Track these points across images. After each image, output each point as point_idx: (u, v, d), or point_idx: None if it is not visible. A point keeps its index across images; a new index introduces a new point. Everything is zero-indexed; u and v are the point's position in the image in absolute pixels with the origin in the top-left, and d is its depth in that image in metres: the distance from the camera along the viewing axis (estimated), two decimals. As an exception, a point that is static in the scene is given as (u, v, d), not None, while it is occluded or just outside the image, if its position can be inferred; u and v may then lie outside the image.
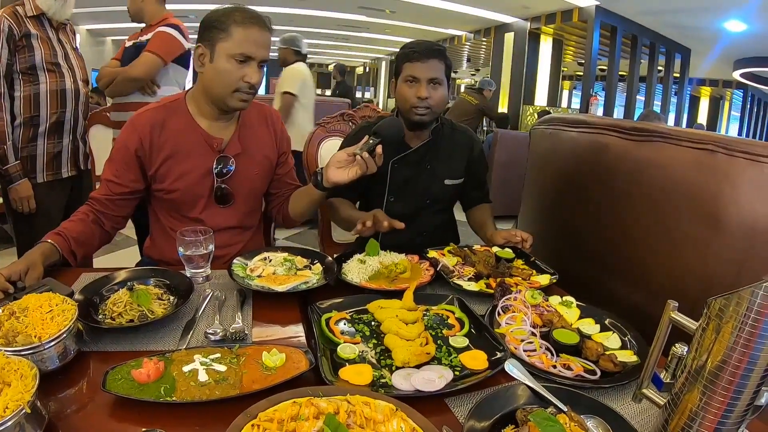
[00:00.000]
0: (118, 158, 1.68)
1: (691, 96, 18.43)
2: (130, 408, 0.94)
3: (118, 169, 1.68)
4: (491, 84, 7.62)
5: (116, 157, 1.69)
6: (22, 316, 1.04)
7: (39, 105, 2.37)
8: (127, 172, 1.68)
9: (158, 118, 1.68)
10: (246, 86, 1.60)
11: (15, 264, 1.35)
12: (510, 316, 1.34)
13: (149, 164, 1.68)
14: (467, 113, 7.23)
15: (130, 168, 1.67)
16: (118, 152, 1.69)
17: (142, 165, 1.69)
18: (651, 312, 1.37)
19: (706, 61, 13.37)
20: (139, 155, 1.67)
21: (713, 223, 1.46)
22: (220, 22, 1.57)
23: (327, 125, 2.45)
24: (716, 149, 1.46)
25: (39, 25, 2.37)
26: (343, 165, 1.64)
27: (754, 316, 0.74)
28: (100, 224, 1.68)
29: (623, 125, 1.79)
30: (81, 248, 1.58)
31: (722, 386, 0.78)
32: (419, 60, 1.86)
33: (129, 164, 1.67)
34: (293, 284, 1.44)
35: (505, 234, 1.90)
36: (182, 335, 1.21)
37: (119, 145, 1.69)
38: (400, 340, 1.17)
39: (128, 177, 1.68)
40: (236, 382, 0.99)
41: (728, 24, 9.90)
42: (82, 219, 1.63)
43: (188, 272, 1.50)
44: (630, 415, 1.00)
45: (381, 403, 0.88)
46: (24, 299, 1.09)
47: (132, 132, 1.66)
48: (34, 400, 0.83)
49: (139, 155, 1.67)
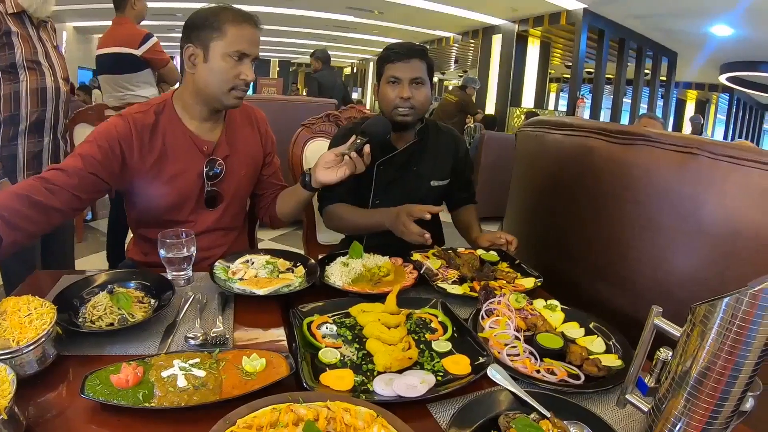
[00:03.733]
0: (97, 148, 1.54)
1: (678, 99, 18.61)
2: (108, 413, 0.93)
3: (100, 147, 1.54)
4: (475, 82, 7.65)
5: (93, 146, 1.54)
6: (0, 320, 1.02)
7: (19, 103, 2.32)
8: (103, 165, 1.54)
9: (148, 120, 1.63)
10: (242, 83, 1.60)
11: None
12: (494, 320, 1.33)
13: (134, 164, 1.61)
14: (450, 112, 7.25)
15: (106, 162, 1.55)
16: (102, 135, 1.56)
17: (124, 163, 1.59)
18: (636, 315, 1.38)
19: (693, 65, 13.53)
20: (123, 148, 1.58)
21: (697, 227, 1.47)
22: (212, 22, 1.56)
23: (312, 126, 2.42)
24: (700, 153, 1.47)
25: (19, 22, 2.33)
26: (332, 165, 1.64)
27: (739, 323, 0.74)
28: (39, 207, 1.40)
29: (608, 128, 1.79)
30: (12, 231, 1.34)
31: (707, 392, 0.78)
32: (400, 60, 1.86)
33: (106, 157, 1.55)
34: (275, 287, 1.42)
35: (490, 236, 1.90)
36: (162, 339, 1.19)
37: (105, 129, 1.58)
38: (382, 345, 1.16)
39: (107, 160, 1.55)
40: (216, 388, 0.97)
41: (715, 28, 10.02)
42: (18, 194, 1.38)
43: (170, 275, 1.48)
44: (614, 420, 1.00)
45: (361, 409, 0.87)
46: (2, 303, 1.07)
47: (123, 124, 1.59)
48: (11, 405, 0.81)
49: (123, 148, 1.58)
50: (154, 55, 3.71)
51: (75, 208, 1.53)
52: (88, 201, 1.59)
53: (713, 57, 12.38)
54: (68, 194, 1.47)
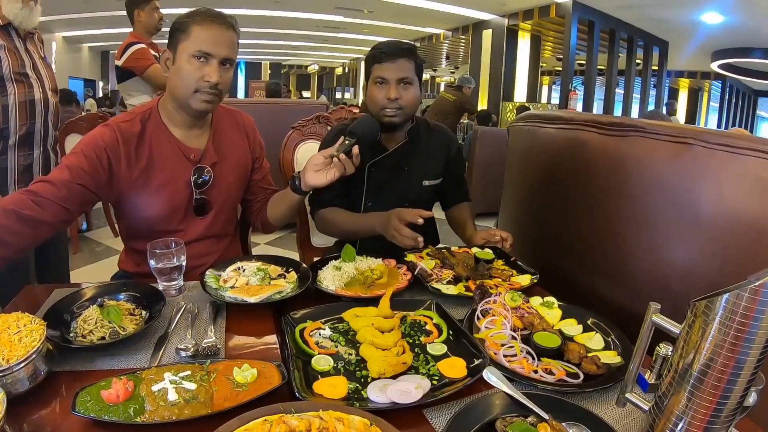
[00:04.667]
0: (85, 157, 1.52)
1: (670, 88, 18.64)
2: (100, 430, 0.92)
3: (87, 157, 1.52)
4: (470, 81, 7.64)
5: (80, 157, 1.52)
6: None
7: (8, 117, 2.31)
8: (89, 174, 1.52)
9: (134, 129, 1.61)
10: (206, 86, 1.55)
11: None
12: (490, 320, 1.31)
13: (121, 174, 1.58)
14: (446, 111, 7.24)
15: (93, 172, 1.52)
16: (89, 145, 1.54)
17: (111, 173, 1.57)
18: (634, 309, 1.36)
19: (684, 53, 13.56)
20: (111, 158, 1.55)
21: (693, 218, 1.45)
22: (182, 24, 1.55)
23: (302, 128, 2.40)
24: (695, 143, 1.45)
25: (5, 35, 2.31)
26: (321, 168, 1.62)
27: (740, 319, 0.71)
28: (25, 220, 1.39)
29: (600, 120, 1.77)
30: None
31: (709, 390, 0.76)
32: (387, 60, 1.83)
33: (94, 167, 1.52)
34: (266, 294, 1.39)
35: (485, 234, 1.88)
36: (154, 352, 1.18)
37: (91, 140, 1.55)
38: (375, 350, 1.14)
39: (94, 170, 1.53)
40: (207, 401, 0.96)
41: (705, 16, 10.04)
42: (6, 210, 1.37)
43: (161, 285, 1.46)
44: (615, 419, 0.98)
45: (355, 418, 0.85)
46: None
47: (110, 133, 1.56)
48: (2, 425, 0.81)
49: (111, 158, 1.55)
50: (134, 63, 3.72)
51: (64, 221, 1.51)
52: (77, 213, 1.56)
53: (704, 45, 12.42)
54: (57, 206, 1.45)
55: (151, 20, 3.14)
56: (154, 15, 3.11)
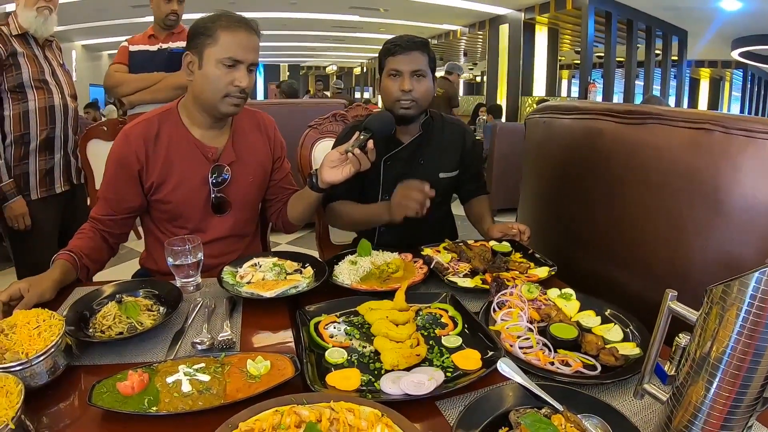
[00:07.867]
0: (115, 174, 1.66)
1: (691, 78, 18.31)
2: (115, 421, 0.94)
3: (117, 186, 1.67)
4: (460, 69, 7.49)
5: (112, 174, 1.67)
6: (10, 333, 1.05)
7: (29, 122, 2.37)
8: (127, 188, 1.66)
9: (152, 130, 1.65)
10: (236, 90, 1.58)
11: (14, 284, 1.33)
12: (506, 312, 1.30)
13: (146, 177, 1.66)
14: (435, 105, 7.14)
15: (129, 184, 1.66)
16: (113, 168, 1.66)
17: (141, 180, 1.67)
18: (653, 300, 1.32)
19: (704, 41, 13.27)
20: (136, 170, 1.65)
21: (713, 204, 1.42)
22: (207, 29, 1.55)
23: (319, 126, 2.41)
24: (713, 128, 1.42)
25: (25, 43, 2.38)
26: (337, 164, 1.63)
27: (759, 303, 0.68)
28: (105, 240, 1.68)
29: (617, 109, 1.75)
30: (93, 264, 1.61)
31: (727, 380, 0.73)
32: (401, 53, 1.83)
33: (128, 180, 1.65)
34: (282, 289, 1.40)
35: (502, 227, 1.87)
36: (170, 346, 1.20)
37: (114, 161, 1.66)
38: (389, 343, 1.13)
39: (128, 192, 1.67)
40: (220, 392, 0.97)
41: (724, 3, 9.82)
42: (89, 236, 1.64)
43: (178, 282, 1.48)
44: (633, 412, 0.96)
45: (366, 409, 0.85)
46: (13, 316, 1.11)
47: (125, 145, 1.64)
48: (19, 415, 0.83)
49: (136, 170, 1.65)
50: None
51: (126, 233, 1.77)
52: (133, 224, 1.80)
53: (724, 32, 12.14)
54: (116, 236, 1.72)
55: (157, 12, 3.08)
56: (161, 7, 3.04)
